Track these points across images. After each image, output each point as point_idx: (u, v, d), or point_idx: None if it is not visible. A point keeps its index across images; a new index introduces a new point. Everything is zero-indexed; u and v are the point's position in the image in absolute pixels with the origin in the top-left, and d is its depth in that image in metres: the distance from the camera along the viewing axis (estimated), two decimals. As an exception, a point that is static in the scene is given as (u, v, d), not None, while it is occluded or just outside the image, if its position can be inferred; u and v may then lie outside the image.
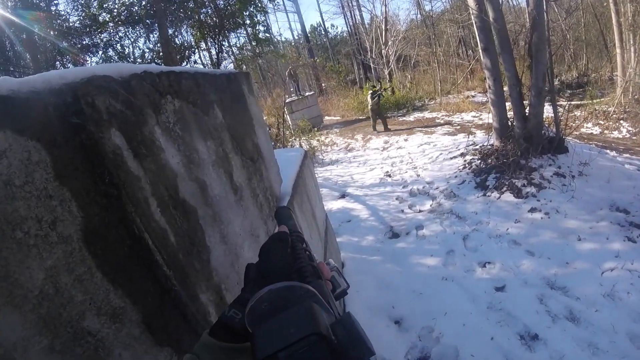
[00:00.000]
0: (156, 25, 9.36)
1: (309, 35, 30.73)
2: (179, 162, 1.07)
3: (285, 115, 14.28)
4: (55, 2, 10.79)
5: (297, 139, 11.37)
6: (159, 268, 0.87)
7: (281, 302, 0.49)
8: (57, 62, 10.58)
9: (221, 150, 1.45)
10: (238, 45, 13.67)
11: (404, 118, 13.91)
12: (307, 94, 17.05)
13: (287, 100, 15.42)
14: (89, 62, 10.47)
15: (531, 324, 3.07)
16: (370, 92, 12.56)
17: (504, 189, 5.41)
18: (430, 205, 5.68)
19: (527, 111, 5.98)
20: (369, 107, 12.50)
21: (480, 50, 6.66)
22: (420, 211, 5.60)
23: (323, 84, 26.65)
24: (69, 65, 10.60)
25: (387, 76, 17.75)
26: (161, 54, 9.50)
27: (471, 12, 6.53)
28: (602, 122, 9.17)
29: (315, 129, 13.80)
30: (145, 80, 0.98)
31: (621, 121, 8.93)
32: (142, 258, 0.83)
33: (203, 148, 1.27)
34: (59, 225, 0.65)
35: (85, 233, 0.70)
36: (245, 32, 11.74)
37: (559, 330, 2.98)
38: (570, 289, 3.43)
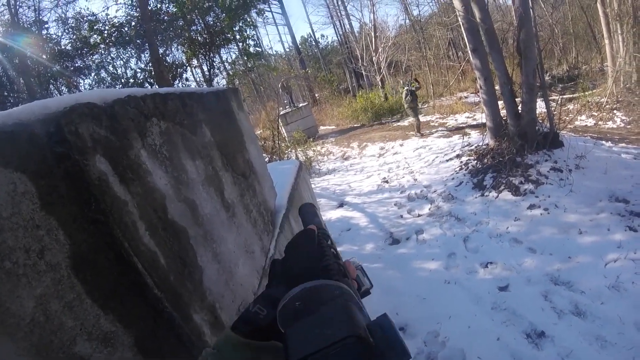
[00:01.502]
0: (147, 45, 9.41)
1: (299, 46, 30.86)
2: (167, 184, 1.07)
3: (280, 128, 14.34)
4: (46, 25, 10.84)
5: (294, 151, 11.38)
6: (149, 291, 0.87)
7: (315, 300, 0.48)
8: (51, 86, 10.63)
9: (211, 169, 1.45)
10: (230, 60, 13.72)
11: (399, 123, 13.95)
12: (300, 105, 17.12)
13: (281, 113, 15.48)
14: (82, 84, 10.53)
15: (537, 321, 3.07)
16: (404, 90, 11.25)
17: (502, 187, 5.42)
18: (429, 209, 5.68)
19: (520, 108, 6.00)
20: (405, 107, 11.42)
21: (469, 51, 6.70)
22: (419, 215, 5.60)
23: (316, 94, 26.75)
24: (62, 88, 10.67)
25: (380, 82, 17.81)
26: (153, 73, 9.54)
27: (458, 14, 6.59)
28: (595, 114, 9.20)
29: (311, 139, 13.83)
30: (129, 105, 0.99)
31: (614, 111, 8.96)
32: (132, 282, 0.84)
33: (192, 168, 1.27)
34: (46, 253, 0.66)
35: (74, 260, 0.70)
36: (237, 47, 11.79)
37: (565, 326, 2.97)
38: (575, 284, 3.42)
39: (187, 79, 10.56)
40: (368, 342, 0.37)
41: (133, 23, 9.61)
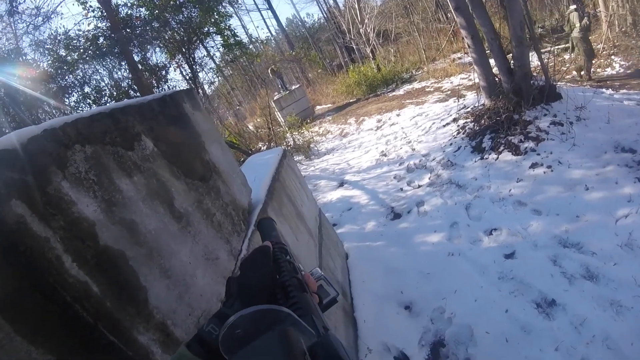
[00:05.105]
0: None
1: (286, 29, 30.36)
2: (96, 210, 1.05)
3: (275, 113, 14.17)
4: (24, 52, 10.80)
5: (291, 135, 11.23)
6: (81, 321, 0.89)
7: (254, 327, 0.46)
8: (40, 109, 10.64)
9: (154, 181, 1.39)
10: (215, 52, 13.52)
11: (394, 93, 13.63)
12: (293, 87, 16.86)
13: (275, 98, 15.28)
14: (68, 102, 10.50)
15: (546, 289, 2.90)
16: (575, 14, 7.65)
17: (501, 148, 5.22)
18: (429, 179, 5.52)
19: (512, 64, 5.75)
20: (575, 36, 7.70)
21: (452, 10, 6.41)
22: (419, 186, 5.45)
23: (309, 75, 26.41)
24: (52, 110, 10.70)
25: (370, 54, 17.44)
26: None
27: (437, -27, 6.29)
28: (593, 61, 8.87)
29: (307, 120, 13.66)
30: (46, 139, 0.98)
31: (612, 56, 8.66)
32: (61, 315, 0.86)
33: (128, 186, 1.24)
34: (-27, 301, 0.71)
35: (-1, 304, 0.75)
36: (222, 39, 11.62)
37: (577, 292, 2.80)
38: (585, 245, 3.23)
39: (167, 80, 10.42)
40: None
41: (106, 34, 9.51)
